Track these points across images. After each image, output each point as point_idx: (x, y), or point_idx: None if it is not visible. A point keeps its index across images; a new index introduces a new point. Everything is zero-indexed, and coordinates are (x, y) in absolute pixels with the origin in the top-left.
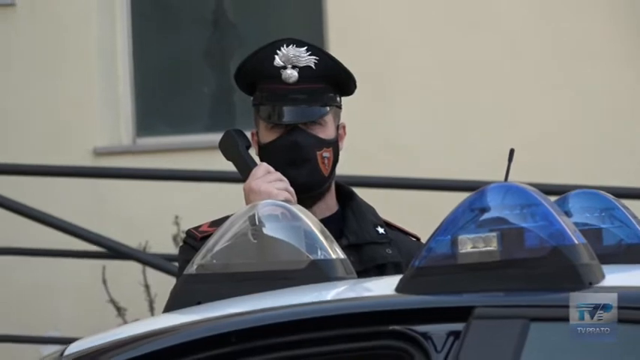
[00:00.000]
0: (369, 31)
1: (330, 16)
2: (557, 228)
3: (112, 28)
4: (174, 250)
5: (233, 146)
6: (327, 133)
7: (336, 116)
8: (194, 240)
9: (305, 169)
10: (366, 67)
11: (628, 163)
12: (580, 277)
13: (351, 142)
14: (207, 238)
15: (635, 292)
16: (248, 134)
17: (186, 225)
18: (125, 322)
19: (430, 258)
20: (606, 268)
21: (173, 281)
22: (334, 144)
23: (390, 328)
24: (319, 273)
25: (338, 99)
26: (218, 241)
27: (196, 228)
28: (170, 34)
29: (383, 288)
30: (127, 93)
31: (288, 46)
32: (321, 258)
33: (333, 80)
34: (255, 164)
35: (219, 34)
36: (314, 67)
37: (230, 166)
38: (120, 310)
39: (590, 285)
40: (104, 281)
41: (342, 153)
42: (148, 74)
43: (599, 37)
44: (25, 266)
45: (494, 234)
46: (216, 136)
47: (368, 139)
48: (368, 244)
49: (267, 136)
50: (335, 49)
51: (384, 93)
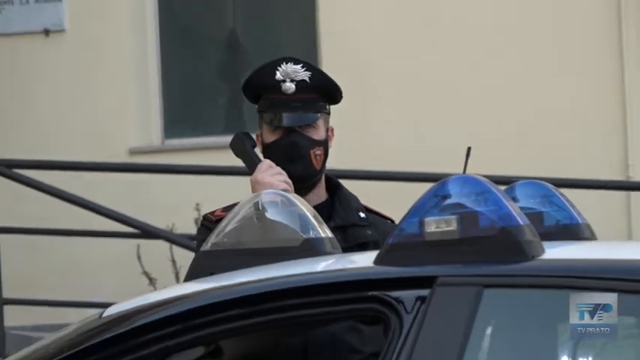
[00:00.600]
0: (354, 48)
1: (322, 36)
2: (506, 211)
3: (144, 48)
4: (194, 231)
5: (241, 146)
6: (318, 134)
7: (326, 121)
8: (209, 222)
9: (300, 164)
10: (352, 77)
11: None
12: (524, 252)
13: (339, 141)
14: (219, 221)
15: (568, 263)
16: (253, 135)
17: (205, 210)
18: (155, 290)
19: (402, 236)
20: (546, 244)
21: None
22: (324, 143)
23: (369, 293)
24: (311, 249)
25: (327, 107)
26: (229, 223)
27: (211, 213)
28: (192, 53)
29: (363, 261)
30: (156, 103)
31: (287, 64)
32: (313, 237)
33: (323, 91)
34: (260, 160)
35: (231, 52)
36: (308, 80)
37: (239, 162)
38: (151, 281)
39: (533, 258)
40: (138, 257)
41: (330, 150)
42: (174, 87)
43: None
44: (75, 245)
45: (454, 217)
46: (230, 138)
47: (354, 138)
48: (352, 226)
49: (270, 137)
50: (326, 62)
51: (367, 99)
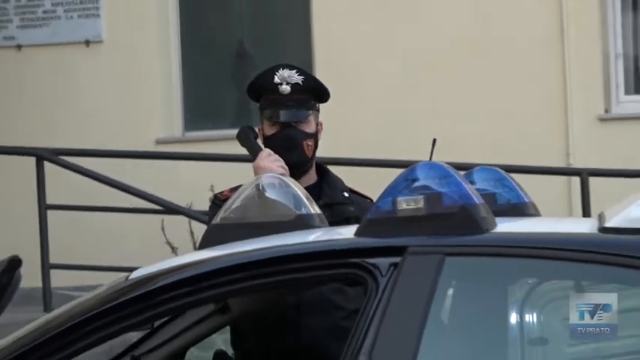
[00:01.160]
0: (342, 56)
1: (316, 46)
2: (464, 192)
3: (167, 56)
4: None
5: (245, 137)
6: (310, 128)
7: (316, 117)
8: (219, 201)
9: (295, 153)
10: (340, 81)
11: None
12: (480, 226)
13: (328, 133)
14: (227, 199)
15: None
16: (256, 129)
17: (217, 191)
18: None
19: (378, 213)
20: (498, 219)
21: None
22: (315, 136)
23: (351, 260)
24: (303, 223)
25: (317, 105)
26: (234, 201)
27: (220, 192)
28: (208, 60)
29: (346, 233)
30: (178, 101)
31: (283, 69)
32: (305, 213)
33: (314, 93)
34: (261, 149)
35: (240, 59)
36: (301, 83)
37: (244, 151)
38: (173, 249)
39: (487, 231)
40: (162, 229)
41: (320, 141)
42: (192, 88)
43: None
44: (109, 220)
45: (421, 196)
46: (237, 131)
47: (340, 131)
48: (337, 204)
49: (269, 130)
50: (318, 68)
51: (351, 99)
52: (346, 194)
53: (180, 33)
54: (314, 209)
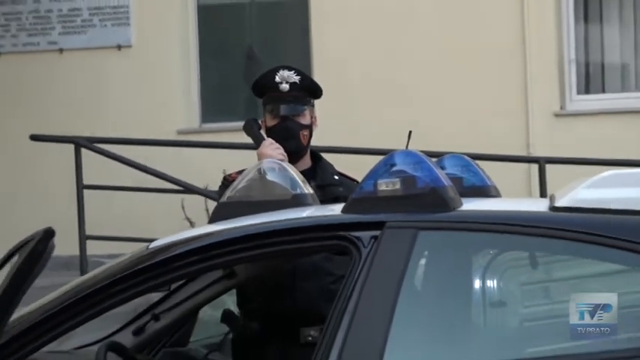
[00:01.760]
0: (335, 58)
1: (313, 50)
2: (435, 176)
3: (187, 58)
4: None
5: (250, 128)
6: (305, 120)
7: (311, 111)
8: (227, 182)
9: (292, 141)
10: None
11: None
12: (448, 205)
13: (321, 125)
14: (234, 181)
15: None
16: (260, 121)
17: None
18: None
19: (361, 193)
20: (464, 199)
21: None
22: (310, 127)
23: (339, 233)
24: (298, 201)
25: (312, 101)
26: (240, 183)
27: (229, 175)
28: (221, 62)
29: (334, 210)
30: (195, 97)
31: (283, 70)
32: (299, 193)
33: (309, 90)
34: (264, 138)
35: (248, 61)
36: (298, 82)
37: (250, 140)
38: (191, 224)
39: (454, 209)
40: (182, 207)
41: (314, 132)
42: (208, 86)
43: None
44: (136, 198)
45: (398, 179)
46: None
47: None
48: (328, 185)
49: (271, 122)
50: (316, 69)
51: (342, 95)
52: (336, 177)
53: (199, 39)
54: (308, 190)
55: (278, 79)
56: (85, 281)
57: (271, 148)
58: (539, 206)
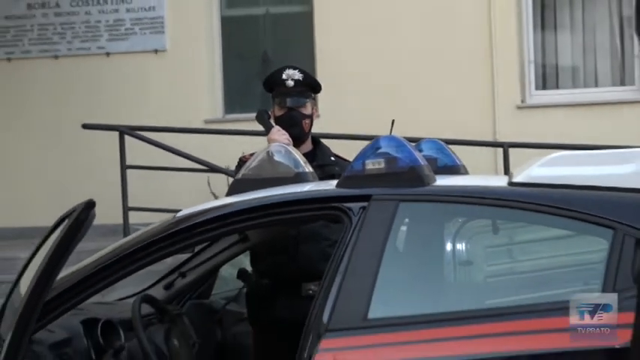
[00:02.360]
0: (334, 60)
1: (317, 53)
2: (413, 157)
3: (212, 60)
4: None
5: (261, 117)
6: (307, 111)
7: (312, 103)
8: (241, 162)
9: (297, 128)
10: (331, 77)
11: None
12: (423, 181)
13: (321, 115)
14: (247, 161)
15: (449, 187)
16: (269, 112)
17: None
18: None
19: (352, 171)
20: (438, 177)
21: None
22: (311, 117)
23: (333, 204)
24: (300, 178)
25: (313, 95)
26: (252, 162)
27: (243, 156)
28: (241, 62)
29: (330, 185)
30: (220, 93)
31: (289, 69)
32: (301, 171)
33: (310, 86)
34: (272, 126)
35: (263, 62)
36: (301, 80)
37: (261, 128)
38: (216, 198)
39: (428, 184)
40: (208, 184)
41: (315, 121)
42: (230, 84)
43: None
44: (169, 177)
45: (382, 159)
46: None
47: (329, 113)
48: (326, 165)
49: (278, 112)
50: (319, 69)
51: (339, 90)
52: (332, 158)
53: (222, 44)
54: (308, 169)
55: (284, 76)
56: (124, 244)
57: (278, 134)
58: (500, 182)
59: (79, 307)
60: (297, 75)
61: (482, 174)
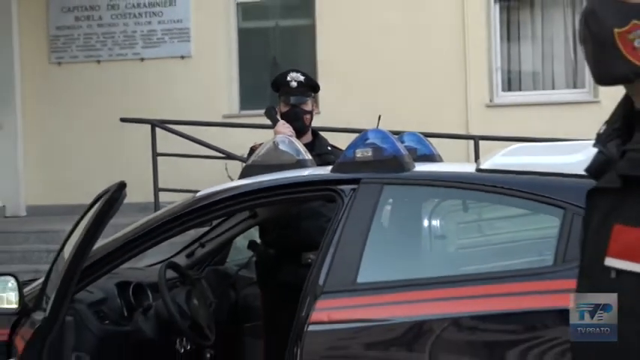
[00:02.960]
0: (332, 66)
1: (318, 59)
2: (396, 147)
3: (229, 64)
4: None
5: (269, 113)
6: (308, 108)
7: (312, 101)
8: (252, 150)
9: (299, 122)
10: (330, 79)
11: (430, 119)
12: (404, 167)
13: (325, 111)
14: (256, 149)
15: (426, 173)
16: (276, 108)
17: None
18: None
19: (345, 158)
20: (417, 164)
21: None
22: (311, 112)
23: (328, 187)
24: (301, 165)
25: (313, 94)
26: (260, 151)
27: (254, 145)
28: (254, 66)
29: (326, 171)
30: (236, 92)
31: (292, 72)
32: (302, 159)
33: (311, 87)
34: (278, 120)
35: (273, 66)
36: (303, 81)
37: (269, 122)
38: (232, 181)
39: (408, 170)
40: (226, 169)
41: (315, 116)
42: (245, 85)
43: (436, 59)
44: (194, 164)
45: (370, 149)
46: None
47: (327, 109)
48: (323, 154)
49: (284, 109)
50: (320, 71)
51: (338, 91)
52: (329, 148)
53: (238, 51)
54: (308, 157)
55: (289, 78)
56: (152, 219)
57: (283, 127)
58: (469, 168)
59: (113, 271)
60: (300, 77)
61: (455, 162)
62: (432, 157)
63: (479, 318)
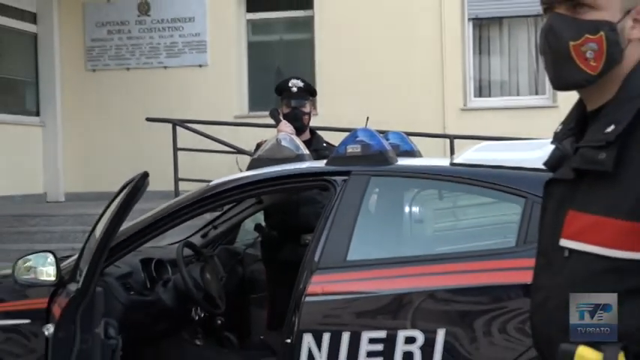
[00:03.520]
0: (328, 74)
1: (317, 68)
2: (382, 144)
3: (240, 72)
4: None
5: (273, 114)
6: (307, 109)
7: (311, 104)
8: (258, 146)
9: (298, 122)
10: (325, 85)
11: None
12: (388, 161)
13: (323, 113)
14: (262, 145)
15: (408, 166)
16: (279, 110)
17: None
18: None
19: (337, 153)
20: (399, 158)
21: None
22: (309, 114)
23: (323, 177)
24: (300, 159)
25: (311, 98)
26: (265, 146)
27: (260, 141)
28: (262, 74)
29: (322, 164)
30: (246, 96)
31: (293, 79)
32: (301, 153)
33: (309, 91)
34: (281, 120)
35: (277, 74)
36: (303, 86)
37: (273, 122)
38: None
39: (392, 164)
40: (237, 162)
41: (313, 117)
42: (253, 90)
43: (418, 68)
44: (208, 157)
45: (359, 145)
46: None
47: (324, 111)
48: (319, 149)
49: (285, 110)
50: (318, 78)
51: (333, 95)
52: (325, 144)
53: (248, 61)
54: (306, 152)
55: (290, 84)
56: (172, 204)
57: (285, 126)
58: (444, 163)
59: (138, 249)
60: (300, 83)
61: (432, 157)
62: (412, 153)
63: (452, 291)
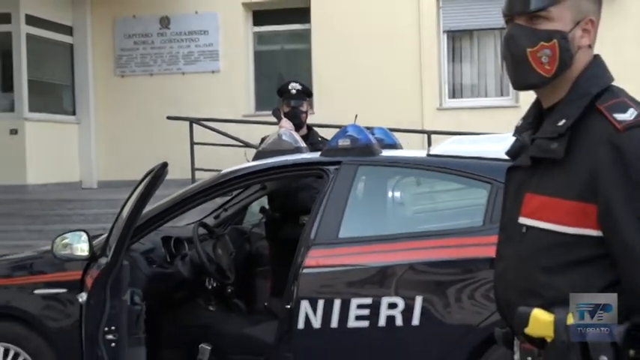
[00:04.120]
0: (324, 80)
1: (313, 74)
2: (368, 138)
3: (247, 77)
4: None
5: (275, 112)
6: (304, 109)
7: (307, 104)
8: (262, 140)
9: (297, 120)
10: (322, 87)
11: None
12: (373, 153)
13: (318, 112)
14: (265, 139)
15: (390, 157)
16: (280, 109)
17: None
18: None
19: (330, 146)
20: (383, 150)
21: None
22: (306, 112)
23: (318, 166)
24: (298, 151)
25: (308, 98)
26: (268, 140)
27: (264, 136)
28: (266, 79)
29: (316, 155)
30: (252, 97)
31: (293, 83)
32: (299, 146)
33: (306, 93)
34: (282, 118)
35: (279, 79)
36: (301, 89)
37: (275, 120)
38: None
39: (377, 155)
40: (245, 154)
41: (310, 115)
42: (259, 92)
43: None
44: (220, 150)
45: (349, 139)
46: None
47: (319, 110)
48: (315, 143)
49: (286, 109)
50: (315, 82)
51: (330, 97)
52: (320, 139)
53: (254, 68)
54: (304, 145)
55: (290, 87)
56: (188, 190)
57: (286, 123)
58: (422, 154)
59: (159, 228)
60: (298, 86)
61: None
62: (395, 146)
63: (429, 264)
